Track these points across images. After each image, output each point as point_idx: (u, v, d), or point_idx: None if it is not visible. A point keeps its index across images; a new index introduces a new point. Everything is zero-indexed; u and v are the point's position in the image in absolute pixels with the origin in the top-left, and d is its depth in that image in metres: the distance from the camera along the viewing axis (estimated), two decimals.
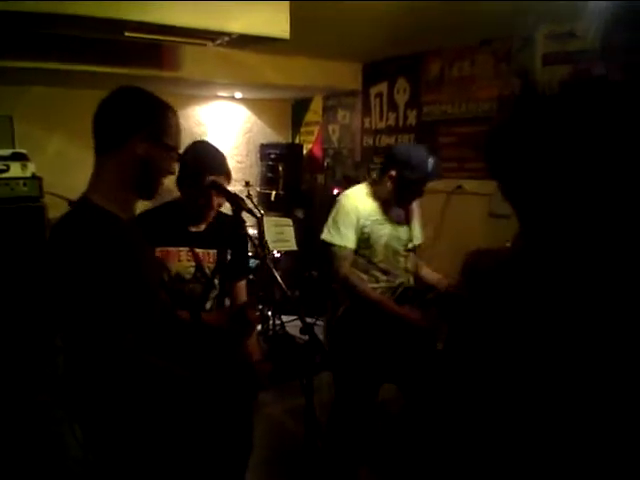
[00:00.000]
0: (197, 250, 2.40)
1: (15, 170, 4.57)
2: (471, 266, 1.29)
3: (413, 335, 2.81)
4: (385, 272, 2.88)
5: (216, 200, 2.37)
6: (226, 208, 2.46)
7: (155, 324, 1.56)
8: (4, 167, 4.54)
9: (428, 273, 3.07)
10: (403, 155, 2.80)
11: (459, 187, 4.97)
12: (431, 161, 2.75)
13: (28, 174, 4.62)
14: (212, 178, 2.07)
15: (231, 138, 7.06)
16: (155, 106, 1.57)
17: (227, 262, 2.48)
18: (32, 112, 5.51)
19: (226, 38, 3.34)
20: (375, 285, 2.87)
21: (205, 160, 2.29)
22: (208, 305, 2.42)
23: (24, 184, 4.57)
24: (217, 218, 2.48)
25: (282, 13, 3.30)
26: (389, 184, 2.81)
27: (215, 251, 2.45)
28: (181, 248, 2.36)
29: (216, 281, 2.45)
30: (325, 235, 2.86)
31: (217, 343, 1.96)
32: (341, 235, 2.79)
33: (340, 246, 2.80)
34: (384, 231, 2.85)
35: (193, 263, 2.38)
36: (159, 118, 1.56)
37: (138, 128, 1.52)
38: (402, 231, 2.91)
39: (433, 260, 3.49)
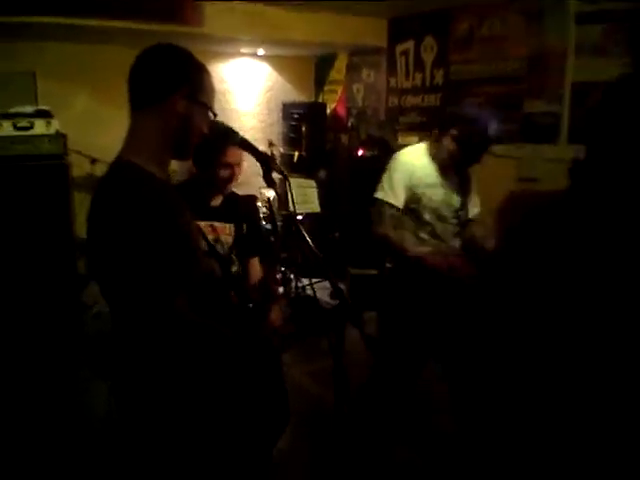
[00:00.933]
0: (216, 224, 2.44)
1: (39, 127, 4.55)
2: (511, 208, 1.26)
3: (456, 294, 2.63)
4: (434, 236, 2.78)
5: (237, 169, 2.40)
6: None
7: (198, 286, 1.57)
8: (28, 124, 4.52)
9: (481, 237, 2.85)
10: (467, 115, 2.69)
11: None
12: (494, 124, 2.64)
13: (52, 131, 4.60)
14: (242, 135, 2.03)
15: (253, 96, 6.96)
16: (194, 64, 1.55)
17: (243, 236, 2.53)
18: (54, 68, 5.47)
19: None
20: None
21: (222, 130, 2.28)
22: None
23: (48, 141, 4.56)
24: (231, 194, 2.54)
25: None
26: (449, 145, 2.67)
27: (232, 225, 2.49)
28: (201, 222, 2.38)
29: (233, 256, 2.49)
30: (377, 191, 2.77)
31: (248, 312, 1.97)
32: (391, 193, 2.71)
33: (387, 204, 2.72)
34: (436, 196, 2.74)
35: (211, 237, 2.41)
36: (198, 76, 1.55)
37: (179, 85, 1.50)
38: (455, 199, 2.79)
39: None
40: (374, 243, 2.79)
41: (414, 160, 2.76)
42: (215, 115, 1.61)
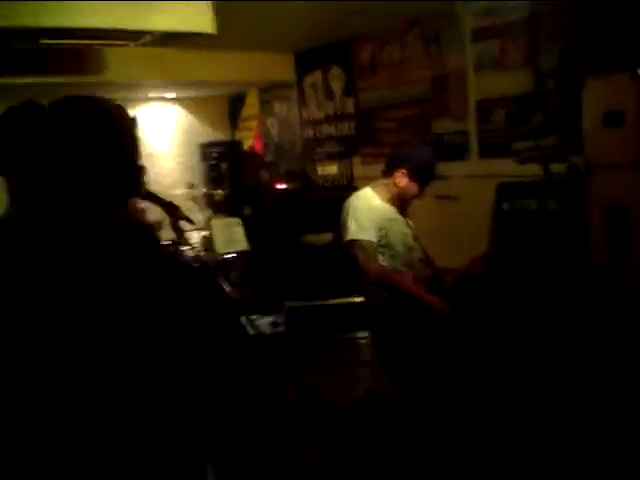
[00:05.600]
0: None
1: None
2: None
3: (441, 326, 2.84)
4: (409, 267, 2.91)
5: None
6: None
7: None
8: None
9: None
10: (414, 156, 2.93)
11: None
12: (437, 162, 2.93)
13: None
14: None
15: (169, 139, 6.87)
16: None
17: None
18: None
19: (149, 37, 3.21)
20: None
21: None
22: None
23: None
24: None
25: (205, 7, 3.18)
26: (401, 182, 2.86)
27: None
28: None
29: None
30: (350, 234, 2.84)
31: None
32: (365, 230, 2.80)
33: (367, 241, 2.80)
34: (399, 229, 2.92)
35: None
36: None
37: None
38: (409, 227, 2.99)
39: None
40: (369, 281, 2.90)
41: (370, 200, 2.92)
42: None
